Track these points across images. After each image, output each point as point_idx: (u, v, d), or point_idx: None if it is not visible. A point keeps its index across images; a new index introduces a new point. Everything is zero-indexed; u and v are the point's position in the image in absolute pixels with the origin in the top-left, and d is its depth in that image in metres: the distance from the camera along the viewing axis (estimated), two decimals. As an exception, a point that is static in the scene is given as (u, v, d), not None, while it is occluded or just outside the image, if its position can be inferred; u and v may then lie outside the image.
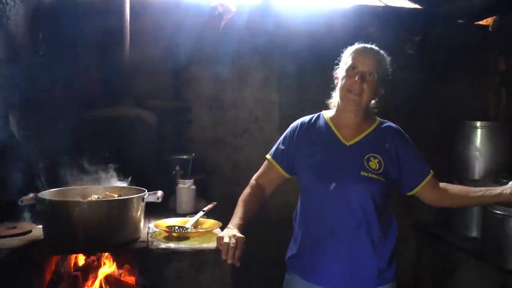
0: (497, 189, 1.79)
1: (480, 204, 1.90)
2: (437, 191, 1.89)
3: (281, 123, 3.51)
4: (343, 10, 3.56)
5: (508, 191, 1.74)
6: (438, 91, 3.71)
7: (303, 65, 3.51)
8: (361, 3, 3.72)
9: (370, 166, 1.80)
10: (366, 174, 1.78)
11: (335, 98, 1.96)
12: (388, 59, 1.89)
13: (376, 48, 1.88)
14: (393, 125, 1.93)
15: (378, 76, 1.82)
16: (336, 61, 1.94)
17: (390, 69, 1.90)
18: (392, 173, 1.84)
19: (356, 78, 1.78)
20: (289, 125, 2.02)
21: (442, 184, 1.91)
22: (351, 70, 1.82)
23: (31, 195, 1.88)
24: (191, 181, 2.52)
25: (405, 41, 3.63)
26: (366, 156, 1.81)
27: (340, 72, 1.88)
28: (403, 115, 3.50)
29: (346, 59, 1.87)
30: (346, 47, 1.91)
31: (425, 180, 1.86)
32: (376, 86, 1.83)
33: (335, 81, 1.92)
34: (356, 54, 1.84)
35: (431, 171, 1.89)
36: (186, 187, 2.49)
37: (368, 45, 1.88)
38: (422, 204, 1.95)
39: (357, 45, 1.88)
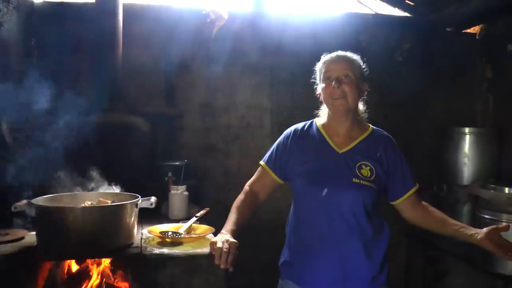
0: (471, 230, 1.81)
1: (450, 237, 1.94)
2: (417, 208, 1.92)
3: (272, 130, 3.54)
4: (334, 17, 3.60)
5: (479, 236, 1.76)
6: (427, 98, 3.76)
7: (295, 72, 3.54)
8: (351, 11, 3.77)
9: (362, 174, 1.83)
10: (358, 181, 1.81)
11: (324, 110, 2.00)
12: (358, 57, 1.94)
13: (343, 52, 1.93)
14: (386, 134, 1.97)
15: (354, 75, 1.87)
16: (313, 76, 1.99)
17: (365, 64, 1.94)
18: (383, 181, 1.87)
19: (333, 84, 1.83)
20: (281, 131, 2.05)
21: (424, 203, 1.93)
22: (327, 80, 1.87)
23: (25, 201, 1.88)
24: (184, 187, 2.53)
25: (395, 49, 3.68)
26: (358, 164, 1.85)
27: (319, 87, 1.93)
28: (393, 121, 3.55)
29: (319, 74, 1.93)
30: None
31: (409, 193, 1.89)
32: (356, 84, 1.87)
33: (319, 98, 1.97)
34: (327, 64, 1.90)
35: (417, 184, 1.91)
36: (178, 193, 2.50)
37: (334, 53, 1.93)
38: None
39: (324, 57, 1.94)
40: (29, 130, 2.51)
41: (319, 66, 1.94)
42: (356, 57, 1.93)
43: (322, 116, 2.01)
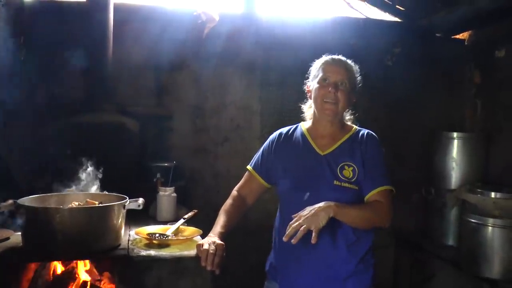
0: None
1: None
2: None
3: (262, 132, 3.53)
4: (325, 21, 3.61)
5: None
6: (416, 102, 3.78)
7: (285, 74, 3.54)
8: (343, 15, 3.79)
9: (343, 175, 1.82)
10: (339, 184, 1.80)
11: (309, 111, 2.00)
12: (356, 68, 1.94)
13: (344, 58, 1.93)
14: (369, 132, 1.94)
15: (350, 84, 1.87)
16: (306, 75, 1.99)
17: (359, 77, 1.95)
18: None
19: (330, 89, 1.82)
20: (270, 133, 2.06)
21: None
22: (323, 82, 1.86)
23: (10, 201, 1.85)
24: (172, 188, 2.53)
25: (385, 53, 3.70)
26: (340, 165, 1.84)
27: (312, 85, 1.92)
28: (382, 125, 3.57)
29: (316, 71, 1.92)
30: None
31: (375, 191, 1.80)
32: (349, 94, 1.87)
33: (308, 94, 1.97)
34: (326, 65, 1.89)
35: (387, 185, 1.82)
36: (167, 194, 2.49)
37: (336, 56, 1.93)
38: (401, 212, 1.96)
39: (325, 57, 1.94)
40: (17, 130, 2.50)
41: (318, 65, 1.92)
42: (355, 67, 1.94)
43: (308, 119, 2.02)
